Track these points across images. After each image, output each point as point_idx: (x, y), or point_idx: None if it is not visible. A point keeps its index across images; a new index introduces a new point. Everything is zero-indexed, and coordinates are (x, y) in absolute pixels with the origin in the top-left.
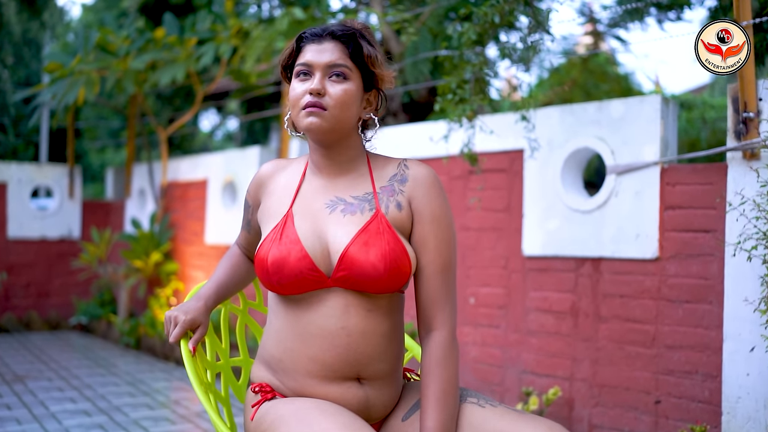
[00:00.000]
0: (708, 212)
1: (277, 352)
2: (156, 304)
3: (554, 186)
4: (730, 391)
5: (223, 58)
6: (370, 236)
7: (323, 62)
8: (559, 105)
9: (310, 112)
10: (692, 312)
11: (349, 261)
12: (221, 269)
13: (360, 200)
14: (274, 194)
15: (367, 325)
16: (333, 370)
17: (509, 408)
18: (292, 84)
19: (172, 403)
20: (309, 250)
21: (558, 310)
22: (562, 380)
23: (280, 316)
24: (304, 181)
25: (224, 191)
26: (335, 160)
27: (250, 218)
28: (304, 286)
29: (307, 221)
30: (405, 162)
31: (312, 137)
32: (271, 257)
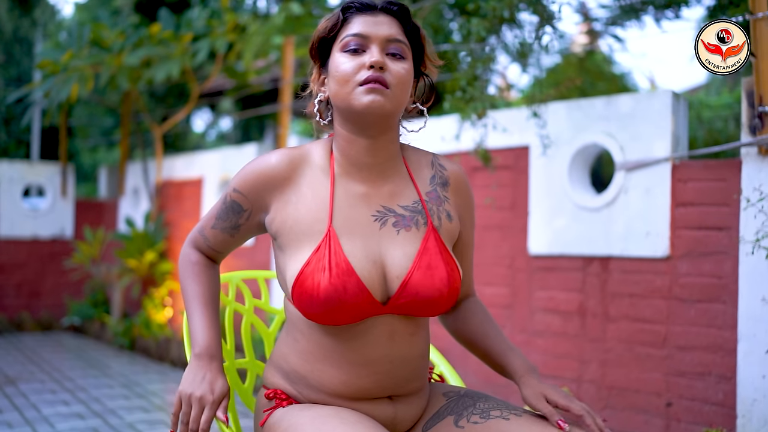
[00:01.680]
0: (721, 209)
1: (301, 369)
2: (150, 305)
3: (561, 183)
4: (746, 393)
5: (219, 54)
6: (431, 257)
7: (382, 35)
8: (566, 100)
9: (372, 88)
10: (705, 312)
11: (413, 289)
12: (205, 302)
13: (411, 211)
14: (299, 202)
15: (410, 350)
16: (367, 393)
17: (533, 414)
18: (338, 59)
19: (168, 405)
20: (366, 280)
21: (565, 310)
22: (569, 382)
23: (312, 338)
24: (336, 184)
25: (220, 190)
26: (377, 156)
27: (240, 222)
28: (355, 319)
29: (356, 240)
30: (438, 159)
31: (368, 120)
32: (324, 292)
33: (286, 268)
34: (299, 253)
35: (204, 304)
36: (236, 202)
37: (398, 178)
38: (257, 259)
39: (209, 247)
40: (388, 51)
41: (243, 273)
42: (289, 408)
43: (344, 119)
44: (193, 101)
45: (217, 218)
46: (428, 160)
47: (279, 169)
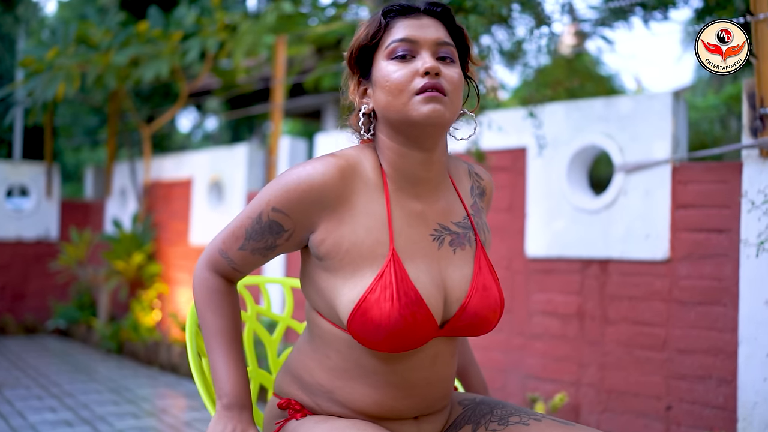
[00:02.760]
0: (722, 211)
1: (329, 384)
2: (138, 307)
3: (559, 185)
4: (746, 397)
5: (209, 54)
6: (485, 277)
7: (431, 38)
8: (564, 101)
9: (431, 97)
10: (705, 314)
11: (472, 312)
12: (229, 340)
13: (463, 228)
14: (356, 222)
15: (447, 372)
16: (396, 413)
17: (555, 419)
18: (386, 67)
19: (159, 411)
20: (432, 308)
21: (563, 313)
22: (568, 385)
23: (350, 358)
24: (391, 201)
25: (210, 190)
26: (431, 170)
27: (278, 243)
28: (413, 347)
29: (419, 264)
30: (473, 169)
31: (427, 132)
32: (392, 323)
33: (339, 293)
34: (358, 278)
35: (229, 342)
36: (276, 222)
37: (448, 193)
38: None
39: (234, 269)
40: (438, 55)
41: (269, 278)
42: (303, 420)
43: (396, 131)
44: (182, 101)
45: (247, 239)
46: (465, 169)
47: (330, 184)
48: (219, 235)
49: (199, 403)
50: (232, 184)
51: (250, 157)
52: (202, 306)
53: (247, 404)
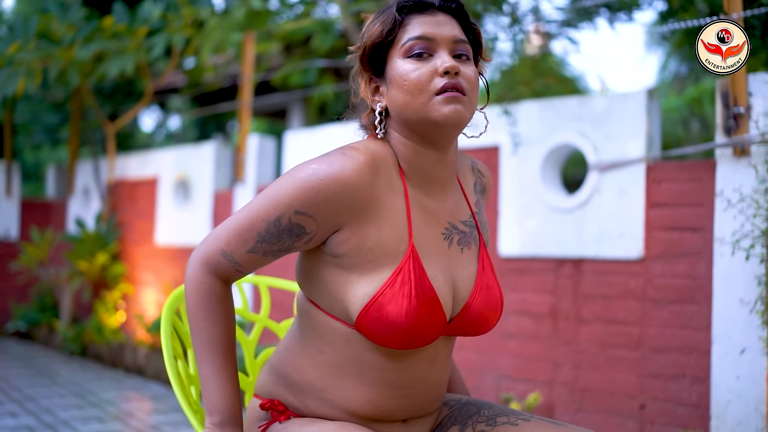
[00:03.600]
0: (696, 210)
1: (320, 382)
2: (103, 309)
3: (533, 183)
4: (720, 395)
5: (176, 50)
6: (488, 277)
7: (448, 36)
8: (538, 99)
9: (451, 97)
10: (679, 313)
11: (475, 311)
12: (225, 352)
13: (469, 227)
14: (381, 219)
15: (443, 374)
16: (388, 415)
17: (543, 419)
18: (402, 66)
19: (124, 415)
20: (445, 308)
21: (537, 313)
22: (541, 385)
23: (347, 356)
24: (409, 196)
25: (176, 189)
26: (444, 170)
27: (296, 246)
28: (422, 344)
29: (434, 263)
30: (476, 165)
31: (445, 132)
32: (411, 321)
33: (353, 286)
34: (376, 273)
35: (224, 354)
36: (299, 225)
37: (455, 192)
38: None
39: (237, 271)
40: (455, 53)
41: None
42: (288, 423)
43: (411, 130)
44: (147, 98)
45: (259, 242)
46: (469, 166)
47: (362, 184)
48: (219, 234)
49: (167, 406)
50: (199, 183)
51: (218, 156)
52: (196, 312)
53: (240, 422)
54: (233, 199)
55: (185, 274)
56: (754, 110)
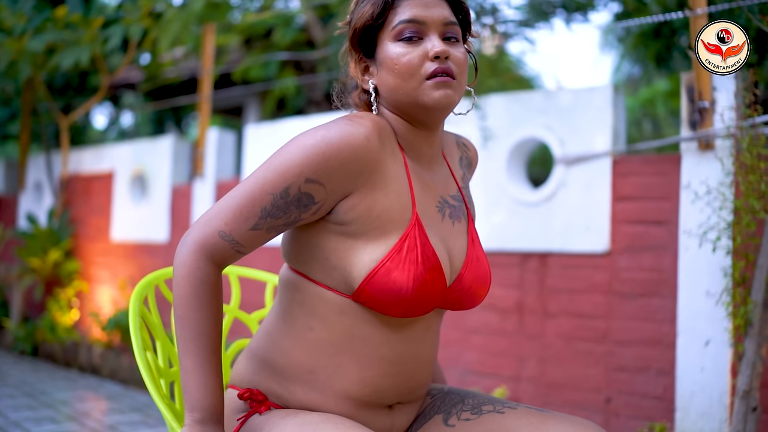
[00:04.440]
0: (661, 204)
1: (309, 363)
2: (56, 307)
3: (498, 177)
4: (684, 387)
5: (133, 41)
6: (477, 249)
7: (438, 19)
8: (504, 93)
9: (441, 82)
10: (645, 306)
11: (466, 283)
12: (214, 346)
13: (458, 201)
14: (387, 186)
15: (434, 349)
16: (381, 396)
17: (530, 407)
18: (393, 49)
19: (80, 415)
20: (446, 275)
21: (502, 307)
22: (507, 380)
23: (340, 329)
24: (410, 169)
25: (133, 184)
26: (433, 146)
27: (303, 218)
28: (421, 313)
29: (433, 233)
30: (461, 139)
31: (435, 116)
32: (417, 286)
33: (358, 253)
34: (383, 240)
35: (212, 348)
36: (308, 195)
37: (442, 167)
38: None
39: (237, 251)
40: (445, 35)
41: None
42: (269, 415)
43: (402, 112)
44: (102, 92)
45: (263, 217)
46: (453, 140)
47: (372, 148)
48: (216, 214)
49: (124, 405)
50: (157, 178)
51: (175, 150)
52: (186, 301)
53: (222, 419)
54: (192, 194)
55: (175, 259)
56: (718, 105)
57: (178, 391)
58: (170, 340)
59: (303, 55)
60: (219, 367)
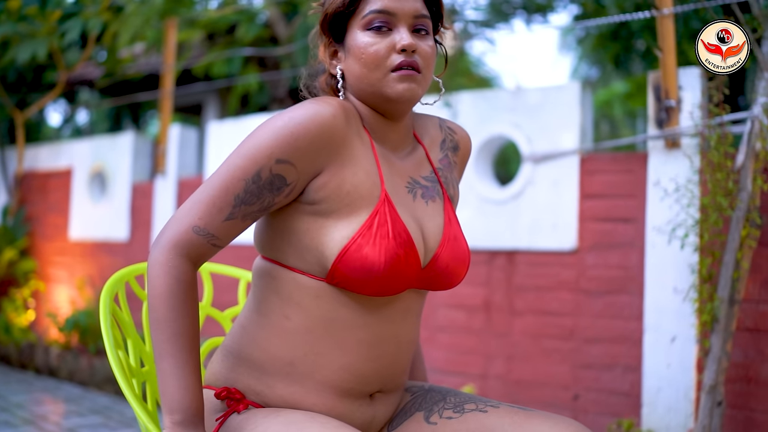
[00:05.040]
0: (628, 201)
1: (287, 354)
2: (11, 307)
3: (466, 175)
4: (651, 383)
5: (92, 36)
6: (454, 229)
7: (408, 11)
8: (471, 90)
9: (405, 75)
10: (612, 304)
11: (443, 262)
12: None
13: (431, 182)
14: (356, 163)
15: (415, 333)
16: (363, 383)
17: (512, 406)
18: (362, 39)
19: (37, 418)
20: (419, 252)
21: (470, 305)
22: (474, 378)
23: (316, 313)
24: (376, 150)
25: (92, 181)
26: (399, 132)
27: (276, 201)
28: (394, 292)
29: (403, 210)
30: (444, 123)
31: (400, 108)
32: (389, 261)
33: (330, 231)
34: (353, 216)
35: (190, 348)
36: (280, 176)
37: (417, 149)
38: (135, 256)
39: (214, 245)
40: (415, 27)
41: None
42: (249, 414)
43: (366, 100)
44: (59, 88)
45: (237, 205)
46: (435, 123)
47: (339, 124)
48: (188, 211)
49: (84, 407)
50: (116, 175)
51: (136, 147)
52: (162, 301)
53: (202, 421)
54: (153, 192)
55: (149, 260)
56: (684, 103)
57: (150, 392)
58: (141, 339)
59: (266, 52)
60: (198, 367)
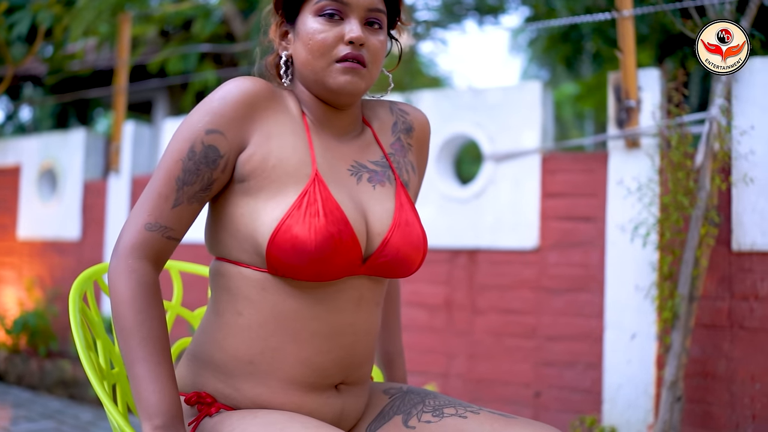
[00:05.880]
0: (589, 200)
1: (246, 353)
2: None
3: (427, 173)
4: (611, 380)
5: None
6: (407, 214)
7: (364, 3)
8: (432, 89)
9: (349, 68)
10: (573, 302)
11: (394, 247)
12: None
13: (381, 167)
14: (282, 138)
15: (372, 322)
16: (324, 376)
17: (493, 412)
18: (311, 24)
19: None
20: (357, 232)
21: (431, 304)
22: (436, 377)
23: (265, 307)
24: (312, 133)
25: (41, 179)
26: (343, 119)
27: (215, 177)
28: (338, 276)
29: (340, 191)
30: (396, 105)
31: (340, 99)
32: (320, 239)
33: (260, 212)
34: (281, 196)
35: (162, 351)
36: (213, 147)
37: (363, 135)
38: (86, 256)
39: (169, 237)
40: (368, 20)
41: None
42: (224, 416)
43: (309, 86)
44: (6, 82)
45: (180, 188)
46: (385, 107)
47: (262, 93)
48: (137, 211)
49: (34, 412)
50: (67, 173)
51: (87, 144)
52: (127, 306)
53: (182, 423)
54: (107, 190)
55: (109, 270)
56: (644, 104)
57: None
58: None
59: (223, 48)
60: (172, 369)
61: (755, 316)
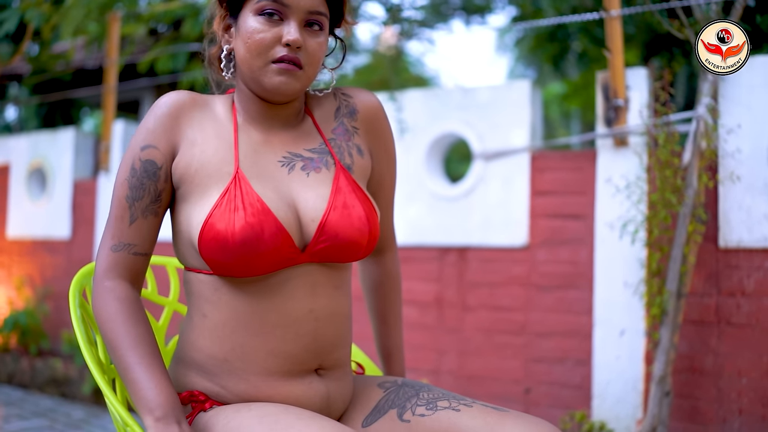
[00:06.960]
0: (578, 198)
1: (219, 351)
2: None
3: (417, 172)
4: (601, 376)
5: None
6: (345, 196)
7: (304, 5)
8: (422, 88)
9: (284, 69)
10: (562, 299)
11: (331, 231)
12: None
13: (319, 153)
14: (205, 143)
15: (335, 306)
16: (296, 363)
17: (486, 405)
18: (251, 23)
19: None
20: (283, 221)
21: (422, 301)
22: (427, 374)
23: (224, 306)
24: (239, 132)
25: (30, 178)
26: (280, 114)
27: (160, 188)
28: (273, 267)
29: (266, 183)
30: (341, 91)
31: (276, 98)
32: (240, 232)
33: (191, 216)
34: (206, 198)
35: (152, 353)
36: (150, 161)
37: (302, 124)
38: (76, 255)
39: (135, 254)
40: (307, 22)
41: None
42: (218, 410)
43: (246, 83)
44: None
45: (131, 205)
46: (329, 94)
47: (183, 104)
48: (103, 240)
49: (26, 410)
50: (57, 172)
51: (77, 143)
52: (112, 322)
53: (181, 415)
54: (97, 189)
55: (92, 298)
56: (632, 103)
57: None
58: None
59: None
60: (165, 368)
61: (742, 313)
